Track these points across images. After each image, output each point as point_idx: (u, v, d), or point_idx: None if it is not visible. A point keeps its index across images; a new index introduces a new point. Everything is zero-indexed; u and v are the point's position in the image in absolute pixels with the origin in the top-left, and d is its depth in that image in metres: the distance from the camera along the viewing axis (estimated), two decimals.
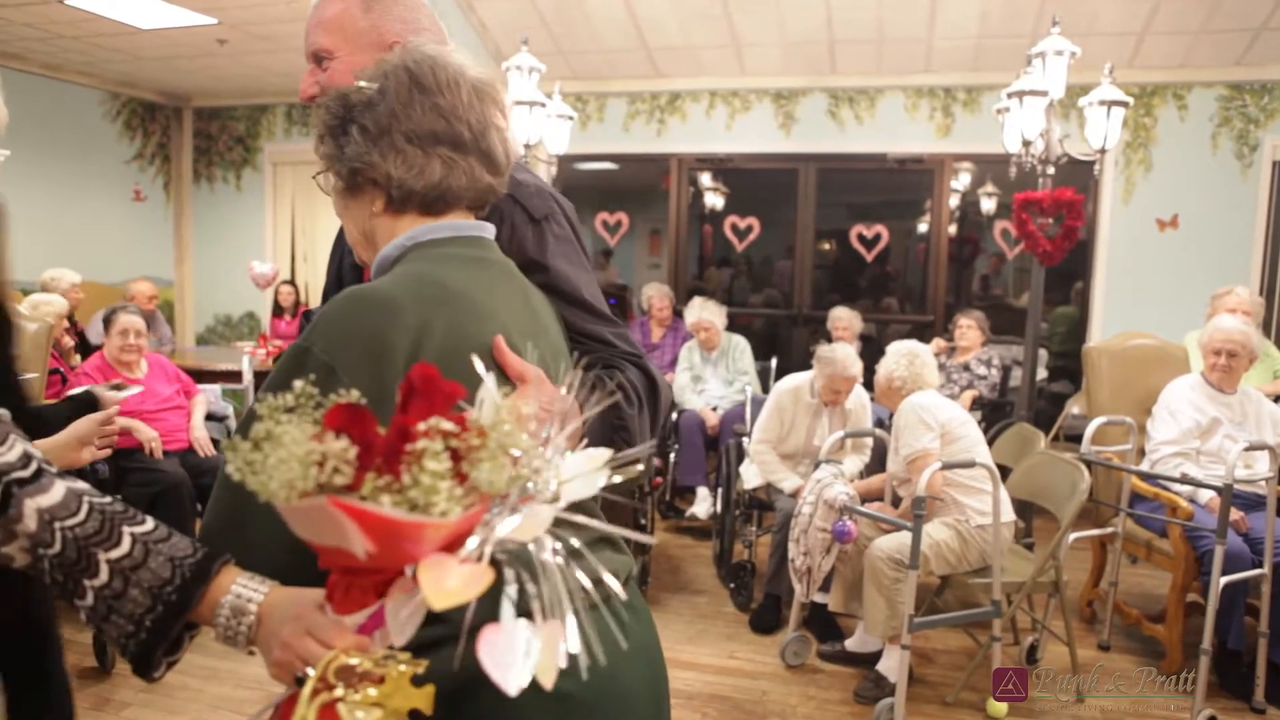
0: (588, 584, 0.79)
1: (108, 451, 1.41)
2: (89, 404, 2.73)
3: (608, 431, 1.16)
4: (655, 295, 5.94)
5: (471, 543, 0.73)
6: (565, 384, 0.86)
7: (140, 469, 3.70)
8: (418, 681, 0.77)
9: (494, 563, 0.73)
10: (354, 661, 0.76)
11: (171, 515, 3.26)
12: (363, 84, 1.08)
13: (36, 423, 2.37)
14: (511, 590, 0.73)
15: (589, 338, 1.25)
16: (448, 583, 0.69)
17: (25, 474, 0.92)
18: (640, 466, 0.93)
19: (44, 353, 3.91)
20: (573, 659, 0.77)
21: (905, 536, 2.98)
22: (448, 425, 0.71)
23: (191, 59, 6.51)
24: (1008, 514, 3.16)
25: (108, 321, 4.10)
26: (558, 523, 0.78)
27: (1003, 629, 3.13)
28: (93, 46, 6.09)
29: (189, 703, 3.03)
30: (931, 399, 3.31)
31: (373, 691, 0.75)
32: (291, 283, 7.47)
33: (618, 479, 0.83)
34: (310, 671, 0.76)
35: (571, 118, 5.23)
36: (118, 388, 2.67)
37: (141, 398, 3.96)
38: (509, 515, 0.74)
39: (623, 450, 1.13)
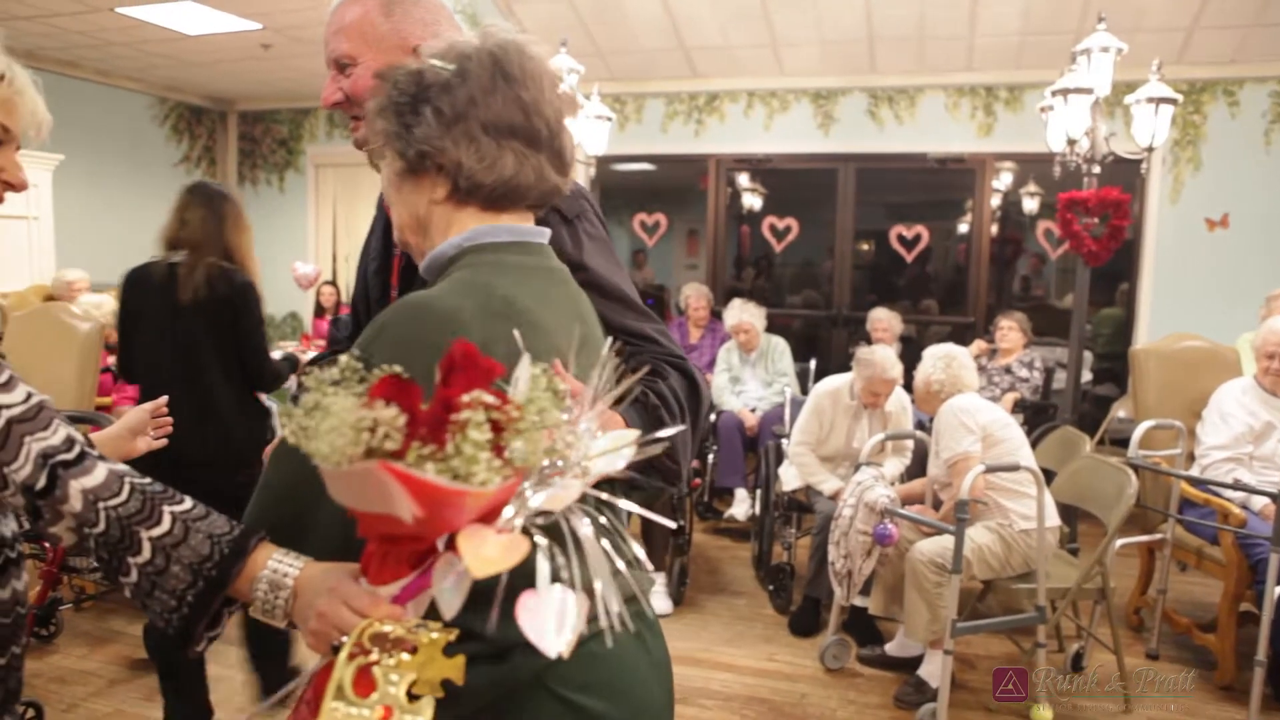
0: (620, 564, 0.80)
1: (163, 442, 1.44)
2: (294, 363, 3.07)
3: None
4: (693, 296, 5.93)
5: (507, 513, 0.75)
6: (597, 373, 0.86)
7: None
8: (449, 652, 0.79)
9: (527, 533, 0.75)
10: (388, 629, 0.77)
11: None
12: (438, 63, 1.03)
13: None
14: (544, 560, 0.75)
15: (633, 335, 1.24)
16: (486, 550, 0.72)
17: (69, 456, 0.95)
18: (661, 446, 0.94)
19: (97, 352, 4.01)
20: (595, 683, 0.79)
21: (947, 540, 2.95)
22: (489, 398, 0.72)
23: (236, 63, 6.62)
24: (1052, 519, 3.12)
25: None
26: (589, 503, 0.80)
27: (1047, 635, 3.08)
28: (142, 53, 6.22)
29: (234, 695, 3.08)
30: (972, 401, 3.27)
31: (406, 657, 0.77)
32: (333, 283, 7.57)
33: (647, 492, 0.83)
34: (346, 640, 0.78)
35: (610, 119, 5.24)
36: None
37: None
38: (541, 487, 0.77)
39: (665, 465, 1.14)
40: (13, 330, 4.29)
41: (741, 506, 5.00)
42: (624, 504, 0.90)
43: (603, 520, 0.81)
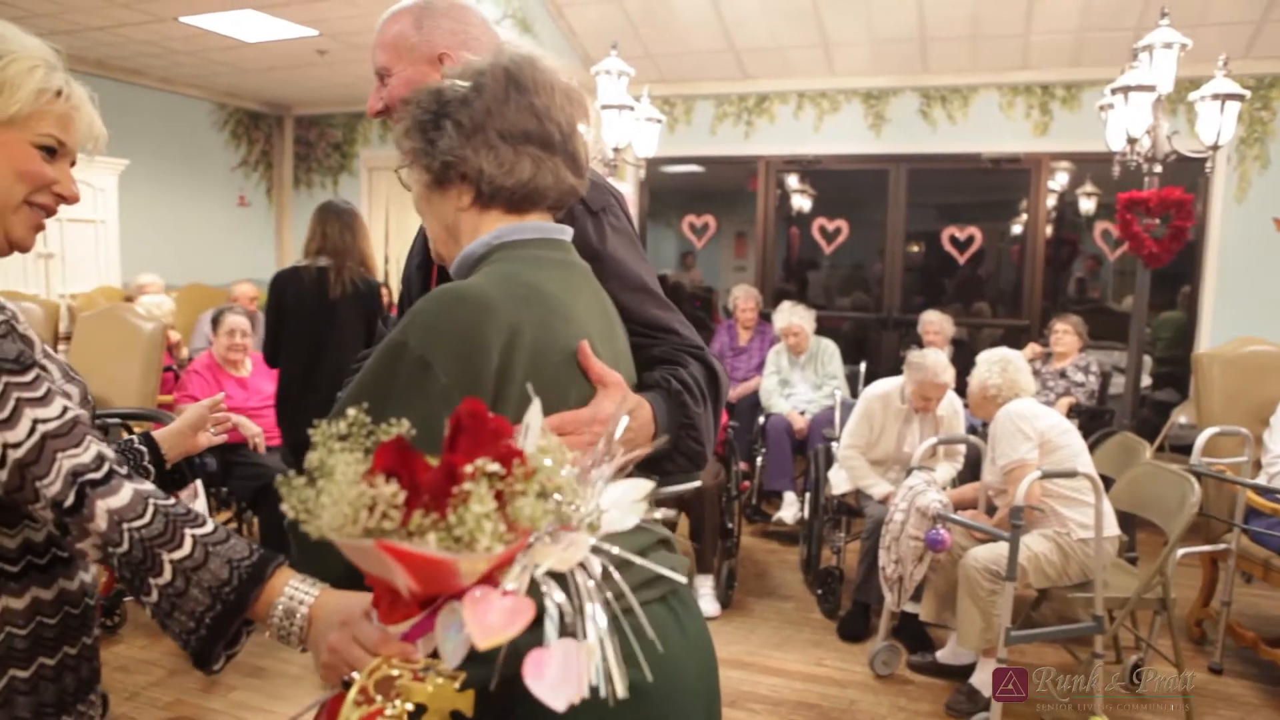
0: (631, 599, 0.79)
1: (224, 437, 1.47)
2: None
3: (676, 430, 1.19)
4: (741, 297, 5.91)
5: (513, 572, 0.74)
6: (616, 419, 0.86)
7: (245, 463, 3.86)
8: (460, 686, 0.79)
9: (533, 590, 0.74)
10: (395, 672, 0.79)
11: (273, 508, 3.39)
12: (456, 81, 1.10)
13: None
14: (553, 613, 0.73)
15: (654, 325, 1.27)
16: (491, 619, 0.71)
17: (98, 475, 0.97)
18: (698, 482, 0.96)
19: (160, 351, 4.12)
20: (630, 655, 0.78)
21: (1002, 547, 2.90)
22: (493, 467, 0.72)
23: (292, 69, 6.77)
24: (1112, 527, 3.04)
25: (215, 322, 4.29)
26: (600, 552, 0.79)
27: (1105, 646, 3.01)
28: (203, 60, 6.39)
29: (290, 687, 3.14)
30: (1030, 407, 3.21)
31: (414, 693, 0.77)
32: (385, 285, 7.68)
33: (657, 514, 0.83)
34: (356, 676, 0.80)
35: (660, 121, 5.24)
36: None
37: (246, 395, 4.14)
38: (548, 544, 0.75)
39: (690, 447, 1.20)
40: (80, 330, 4.43)
41: (790, 510, 4.96)
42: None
43: (616, 552, 0.79)
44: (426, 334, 0.99)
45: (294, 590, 0.95)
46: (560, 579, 0.74)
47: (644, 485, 0.83)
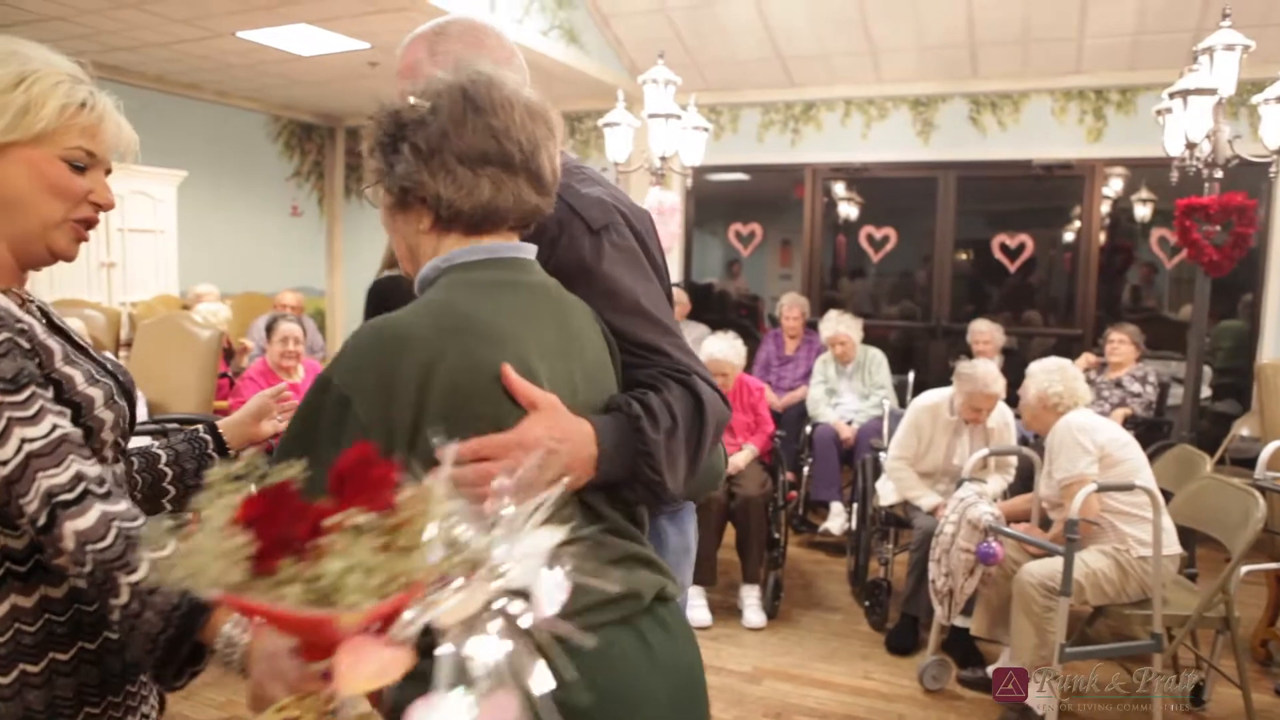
0: (563, 630, 0.75)
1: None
2: None
3: (628, 456, 1.12)
4: (786, 304, 5.88)
5: (404, 620, 0.71)
6: (520, 463, 0.85)
7: None
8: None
9: (424, 640, 0.71)
10: (296, 713, 0.79)
11: None
12: (414, 101, 1.09)
13: None
14: (447, 662, 0.70)
15: (643, 347, 1.23)
16: (363, 668, 0.69)
17: (70, 496, 1.00)
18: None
19: (216, 358, 4.21)
20: (576, 677, 0.77)
21: (1058, 562, 2.83)
22: (362, 519, 0.69)
23: (345, 82, 6.89)
24: (1173, 544, 2.96)
25: (269, 329, 4.38)
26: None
27: (1164, 665, 2.93)
28: (258, 74, 6.53)
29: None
30: (1090, 419, 3.14)
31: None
32: None
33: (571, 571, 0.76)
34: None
35: (706, 129, 5.24)
36: None
37: (298, 401, 4.21)
38: (449, 593, 0.72)
39: (646, 475, 1.13)
40: (141, 337, 4.55)
41: (837, 520, 4.91)
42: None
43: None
44: (348, 371, 1.00)
45: (238, 619, 0.97)
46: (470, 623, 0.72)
47: (556, 534, 0.77)
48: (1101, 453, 3.02)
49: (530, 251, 1.16)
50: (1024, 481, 4.11)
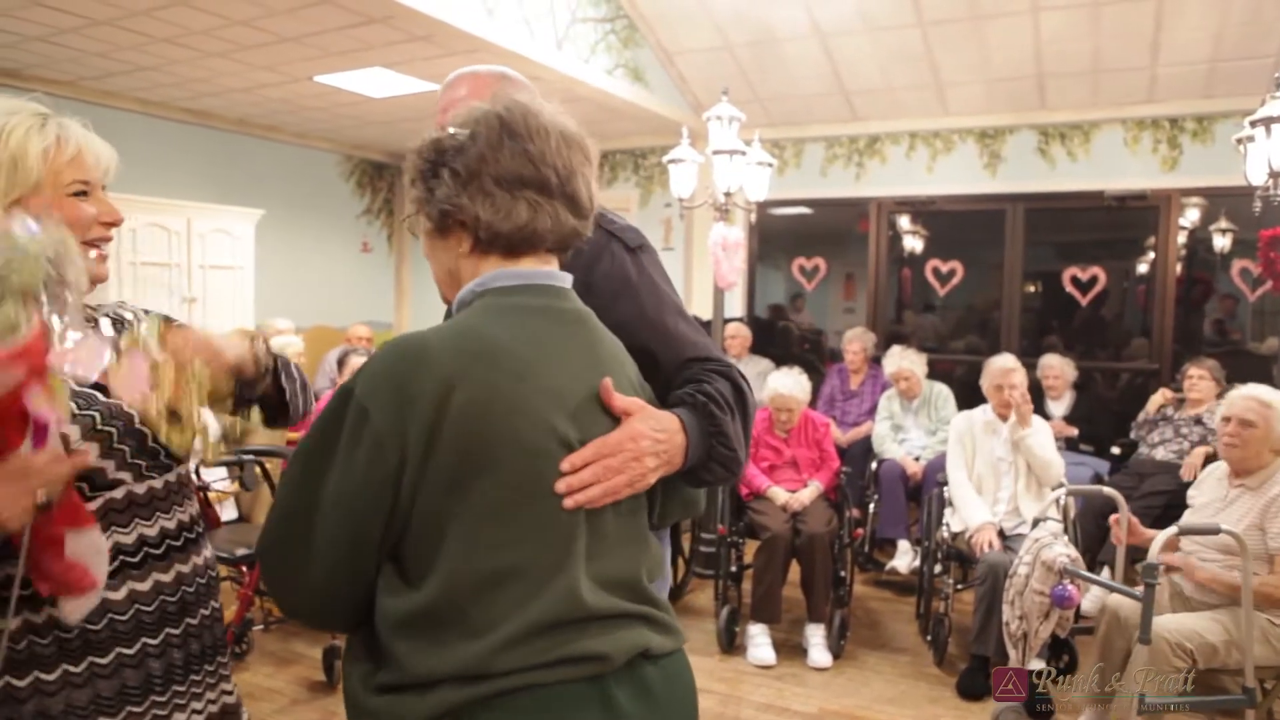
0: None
1: None
2: None
3: (705, 438, 1.23)
4: (848, 339, 5.82)
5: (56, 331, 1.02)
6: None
7: None
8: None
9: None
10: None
11: None
12: (453, 130, 1.13)
13: None
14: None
15: (684, 342, 1.39)
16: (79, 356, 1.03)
17: None
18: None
19: None
20: None
21: (1200, 622, 2.78)
22: None
23: (415, 121, 7.09)
24: None
25: (340, 363, 4.50)
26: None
27: None
28: (333, 116, 6.77)
29: None
30: None
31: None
32: None
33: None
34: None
35: (771, 164, 5.26)
36: None
37: None
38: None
39: (721, 453, 1.24)
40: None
41: (904, 559, 4.82)
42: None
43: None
44: (369, 382, 1.03)
45: None
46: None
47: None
48: None
49: (566, 280, 1.18)
50: (1096, 518, 4.01)
